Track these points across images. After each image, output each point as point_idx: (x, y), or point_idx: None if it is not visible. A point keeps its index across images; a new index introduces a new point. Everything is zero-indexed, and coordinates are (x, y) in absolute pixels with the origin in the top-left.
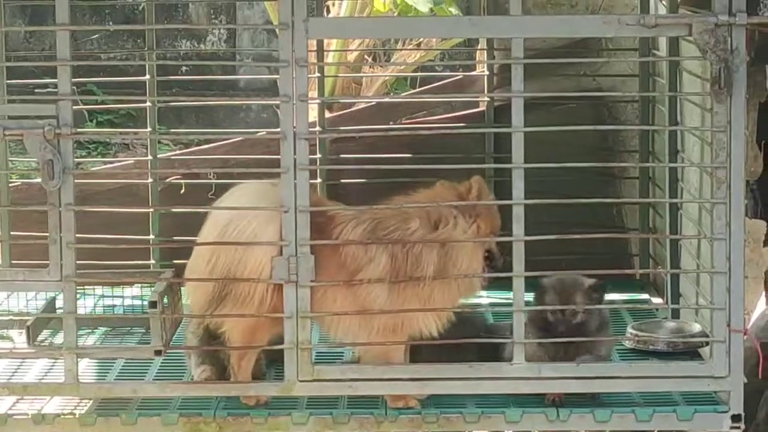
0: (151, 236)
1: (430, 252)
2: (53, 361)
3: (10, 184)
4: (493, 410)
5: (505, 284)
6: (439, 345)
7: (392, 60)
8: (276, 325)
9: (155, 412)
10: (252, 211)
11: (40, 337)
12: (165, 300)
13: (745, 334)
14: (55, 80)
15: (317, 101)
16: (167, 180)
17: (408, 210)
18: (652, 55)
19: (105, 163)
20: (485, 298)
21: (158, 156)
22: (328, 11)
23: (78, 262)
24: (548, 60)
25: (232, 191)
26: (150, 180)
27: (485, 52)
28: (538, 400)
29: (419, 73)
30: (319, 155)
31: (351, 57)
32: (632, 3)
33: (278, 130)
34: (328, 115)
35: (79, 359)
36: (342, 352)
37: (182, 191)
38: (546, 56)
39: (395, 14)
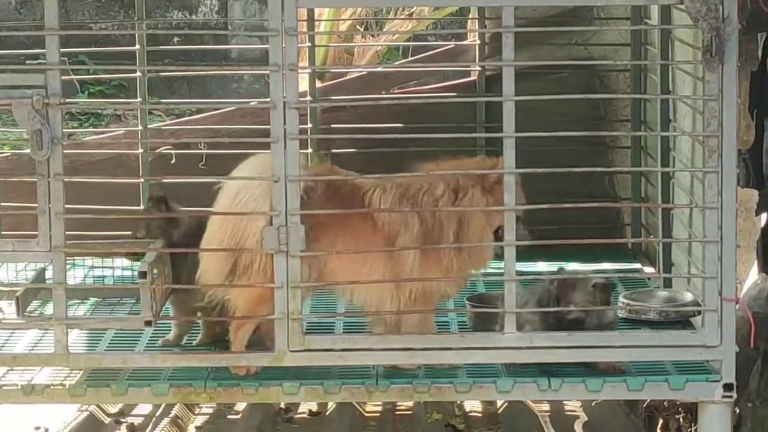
0: (141, 207)
1: (450, 220)
2: (43, 331)
3: (0, 155)
4: (484, 380)
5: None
6: None
7: (384, 30)
8: None
9: (145, 383)
10: (257, 181)
11: (29, 308)
12: (155, 270)
13: (737, 303)
14: (45, 50)
15: (307, 70)
16: (157, 150)
17: (432, 177)
18: (644, 24)
19: (96, 134)
20: None
21: (148, 126)
22: None
23: (67, 232)
24: (539, 29)
25: (249, 159)
26: (140, 150)
27: (476, 21)
28: (530, 369)
29: (411, 43)
30: (309, 125)
31: (343, 26)
32: None
33: (268, 99)
34: (319, 84)
35: (68, 330)
36: (333, 323)
37: (172, 161)
38: (537, 25)
39: None
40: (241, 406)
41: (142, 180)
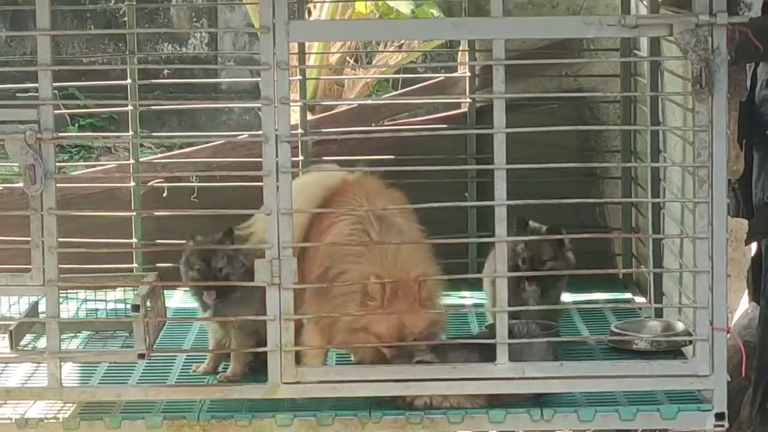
0: (134, 240)
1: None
2: (36, 365)
3: None
4: (477, 410)
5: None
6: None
7: (374, 62)
8: None
9: (139, 416)
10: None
11: (23, 342)
12: (148, 303)
13: (728, 332)
14: (37, 84)
15: (299, 104)
16: (149, 183)
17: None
18: (634, 55)
19: (87, 166)
20: (469, 298)
21: (140, 159)
22: (310, 14)
23: (61, 266)
24: (530, 61)
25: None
26: (132, 184)
27: (467, 53)
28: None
29: (401, 75)
30: (301, 157)
31: (333, 59)
32: (613, 3)
33: (260, 132)
34: (310, 117)
35: (62, 363)
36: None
37: (165, 195)
38: (527, 57)
39: (376, 16)
40: None
41: (134, 213)
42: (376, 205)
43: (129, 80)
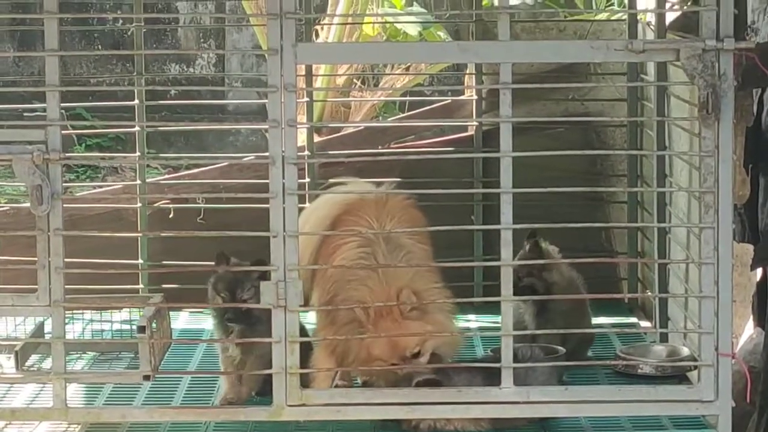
0: (140, 261)
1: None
2: (42, 385)
3: None
4: None
5: (495, 308)
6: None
7: (381, 84)
8: None
9: None
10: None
11: (28, 362)
12: (154, 325)
13: (733, 357)
14: (44, 105)
15: (306, 126)
16: (156, 204)
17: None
18: (640, 80)
19: (94, 187)
20: (474, 321)
21: (147, 180)
22: (317, 36)
23: (67, 286)
24: (537, 85)
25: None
26: (138, 204)
27: (474, 76)
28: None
29: (408, 98)
30: (308, 179)
31: (340, 81)
32: (620, 28)
33: (267, 154)
34: (317, 139)
35: (67, 384)
36: None
37: (171, 216)
38: (534, 81)
39: (384, 39)
40: None
41: (140, 234)
42: (386, 226)
43: (136, 101)
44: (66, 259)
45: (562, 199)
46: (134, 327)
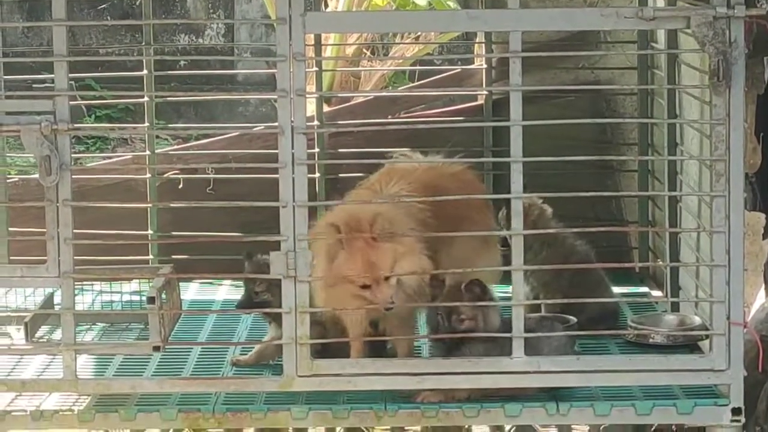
0: (150, 232)
1: None
2: (51, 357)
3: (8, 180)
4: (492, 404)
5: (506, 278)
6: None
7: (390, 54)
8: None
9: (154, 408)
10: None
11: (38, 333)
12: (163, 295)
13: (744, 326)
14: (53, 76)
15: (315, 95)
16: (165, 175)
17: None
18: (651, 48)
19: (103, 158)
20: None
21: (156, 151)
22: (326, 5)
23: (76, 257)
24: (546, 53)
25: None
26: (148, 175)
27: (483, 45)
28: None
29: (417, 67)
30: (317, 149)
31: (349, 51)
32: None
33: (276, 124)
34: (326, 109)
35: (77, 355)
36: None
37: (180, 186)
38: (544, 49)
39: (393, 8)
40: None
41: (150, 205)
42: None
43: (145, 71)
44: (75, 230)
45: (573, 168)
46: (144, 298)
